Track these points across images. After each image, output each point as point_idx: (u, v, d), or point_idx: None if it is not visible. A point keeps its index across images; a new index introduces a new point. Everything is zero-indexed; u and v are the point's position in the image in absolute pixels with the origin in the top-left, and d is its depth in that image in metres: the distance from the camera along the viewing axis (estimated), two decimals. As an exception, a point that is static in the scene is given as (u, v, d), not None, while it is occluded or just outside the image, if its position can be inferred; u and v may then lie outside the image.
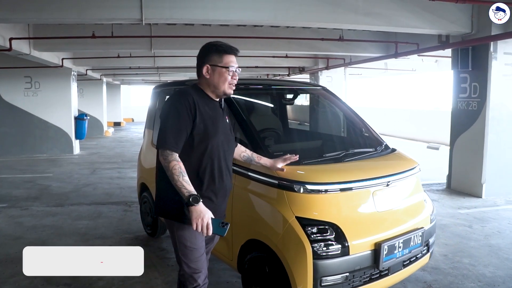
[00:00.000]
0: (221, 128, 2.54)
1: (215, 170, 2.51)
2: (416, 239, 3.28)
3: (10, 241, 5.07)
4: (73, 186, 8.21)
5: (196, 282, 2.54)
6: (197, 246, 2.52)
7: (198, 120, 2.40)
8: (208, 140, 2.45)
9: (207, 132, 2.43)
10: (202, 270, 2.56)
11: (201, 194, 2.41)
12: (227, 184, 2.63)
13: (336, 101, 4.54)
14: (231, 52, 2.51)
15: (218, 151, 2.50)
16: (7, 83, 12.15)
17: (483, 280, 4.03)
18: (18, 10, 5.56)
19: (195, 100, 2.43)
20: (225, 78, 2.49)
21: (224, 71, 2.48)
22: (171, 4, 5.65)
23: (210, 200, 2.50)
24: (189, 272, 2.53)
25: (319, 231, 2.90)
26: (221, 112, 2.62)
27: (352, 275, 2.95)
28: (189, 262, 2.52)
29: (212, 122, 2.47)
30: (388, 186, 3.26)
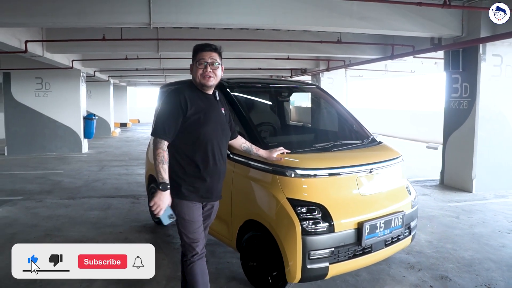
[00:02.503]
0: (214, 117, 2.93)
1: (209, 154, 2.89)
2: (397, 221, 3.66)
3: (28, 228, 5.48)
4: (83, 182, 8.63)
5: (194, 251, 2.93)
6: (195, 220, 2.91)
7: (190, 113, 2.81)
8: (200, 129, 2.85)
9: (199, 121, 2.83)
10: (199, 240, 2.94)
11: (196, 176, 2.85)
12: (220, 167, 3.01)
13: (329, 98, 4.95)
14: (203, 49, 2.90)
15: (210, 138, 2.89)
16: (19, 84, 12.61)
17: (462, 261, 4.40)
18: (36, 15, 5.99)
19: (187, 96, 2.84)
20: (197, 71, 2.89)
21: (197, 66, 2.89)
22: (177, 10, 6.07)
23: (204, 180, 2.91)
24: (188, 242, 2.92)
25: (308, 211, 3.29)
26: (215, 103, 3.01)
27: (337, 250, 3.33)
28: (188, 233, 2.91)
29: (204, 113, 2.87)
30: (371, 173, 3.65)
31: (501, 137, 7.57)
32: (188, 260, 2.93)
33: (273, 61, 13.72)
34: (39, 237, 5.11)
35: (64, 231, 5.35)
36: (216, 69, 2.91)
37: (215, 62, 2.90)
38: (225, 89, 4.12)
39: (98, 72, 15.89)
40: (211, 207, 3.10)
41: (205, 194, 2.93)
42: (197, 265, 2.92)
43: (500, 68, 7.43)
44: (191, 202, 2.87)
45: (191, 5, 6.08)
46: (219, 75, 2.96)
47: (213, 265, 4.21)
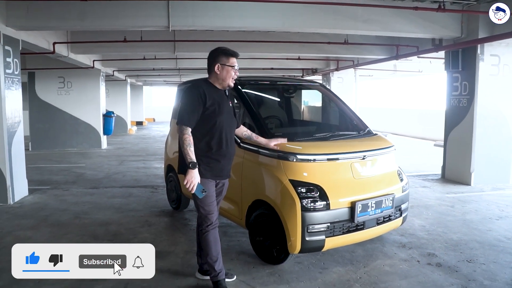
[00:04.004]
0: (225, 109, 3.48)
1: (223, 139, 3.44)
2: (387, 202, 4.15)
3: (59, 212, 6.08)
4: (105, 174, 9.23)
5: (209, 221, 3.46)
6: (210, 194, 3.45)
7: (208, 104, 3.36)
8: (216, 118, 3.40)
9: (215, 112, 3.37)
10: (214, 212, 3.48)
11: (211, 157, 3.41)
12: (231, 150, 3.55)
13: (331, 95, 5.46)
14: (235, 55, 3.48)
15: (223, 126, 3.44)
16: (42, 83, 13.30)
17: (450, 242, 4.85)
18: (65, 19, 6.61)
19: (205, 90, 3.39)
20: (230, 74, 3.45)
21: (230, 69, 3.44)
22: (194, 14, 6.61)
23: (218, 161, 3.45)
24: (204, 213, 3.46)
25: (307, 190, 3.79)
26: (225, 98, 3.56)
27: (333, 225, 3.83)
28: (204, 206, 3.45)
29: (218, 105, 3.41)
30: (364, 159, 4.15)
31: (498, 133, 7.96)
32: (204, 229, 3.47)
33: (285, 61, 14.19)
34: (70, 219, 5.70)
35: (91, 214, 5.94)
36: (237, 72, 3.51)
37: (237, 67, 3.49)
38: (237, 86, 4.65)
39: (116, 72, 16.58)
40: (222, 185, 3.65)
41: (218, 173, 3.47)
42: (211, 234, 3.46)
43: (498, 67, 7.82)
44: (207, 179, 3.41)
45: (207, 10, 6.62)
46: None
47: (225, 243, 4.74)
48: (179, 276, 3.87)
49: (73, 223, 5.54)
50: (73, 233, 5.09)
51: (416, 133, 17.76)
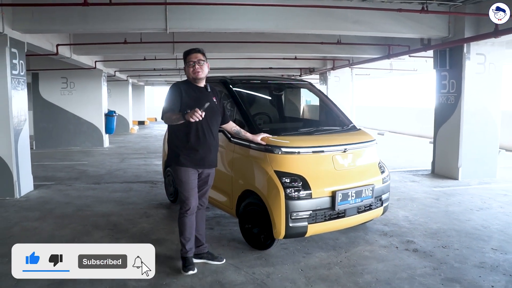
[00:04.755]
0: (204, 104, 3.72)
1: (199, 131, 3.78)
2: (367, 192, 4.47)
3: (63, 205, 6.42)
4: (106, 171, 9.58)
5: (187, 206, 3.83)
6: (189, 182, 3.81)
7: (184, 100, 3.74)
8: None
9: (190, 106, 3.64)
10: (192, 199, 3.83)
11: (190, 148, 3.77)
12: (210, 141, 3.86)
13: (319, 93, 5.78)
14: (190, 53, 3.84)
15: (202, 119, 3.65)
16: (46, 83, 13.65)
17: (429, 231, 5.17)
18: (68, 23, 6.94)
19: (181, 88, 3.80)
20: (189, 70, 3.82)
21: (190, 66, 3.80)
22: (191, 17, 6.93)
23: (197, 151, 3.81)
24: (183, 198, 3.85)
25: (291, 181, 4.12)
26: (206, 93, 3.89)
27: (315, 213, 4.15)
28: (183, 191, 3.83)
29: (194, 100, 3.75)
30: (345, 152, 4.47)
31: (485, 129, 8.26)
32: (182, 213, 3.88)
33: (282, 61, 14.48)
34: (73, 211, 6.04)
35: (93, 207, 6.27)
36: (202, 65, 3.84)
37: (200, 60, 3.83)
38: (228, 85, 5.00)
39: (118, 72, 16.92)
40: (207, 175, 3.99)
41: (198, 162, 3.83)
42: (188, 219, 3.87)
43: (484, 66, 8.12)
44: (187, 168, 3.79)
45: (203, 13, 6.94)
46: (205, 70, 3.87)
47: (218, 231, 5.07)
48: (174, 259, 4.20)
49: (76, 214, 5.88)
50: (76, 223, 5.44)
51: (414, 131, 18.06)
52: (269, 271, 3.95)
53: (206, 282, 3.70)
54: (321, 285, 3.67)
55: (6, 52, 6.50)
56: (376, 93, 26.78)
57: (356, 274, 3.90)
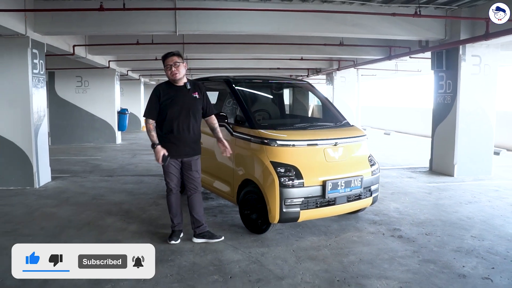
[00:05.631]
0: (181, 102, 4.33)
1: (174, 127, 4.34)
2: (356, 182, 4.88)
3: (79, 194, 6.93)
4: (119, 165, 10.10)
5: (169, 188, 4.57)
6: (167, 169, 4.47)
7: (162, 100, 4.32)
8: (167, 110, 4.31)
9: (167, 105, 4.29)
10: (171, 183, 4.53)
11: (169, 140, 4.34)
12: (186, 136, 4.38)
13: (316, 91, 6.20)
14: (166, 57, 4.33)
15: (176, 116, 4.31)
16: (61, 82, 14.27)
17: (416, 221, 5.55)
18: (84, 26, 7.47)
19: (161, 89, 4.38)
20: (167, 72, 4.33)
21: (166, 69, 4.32)
22: (198, 20, 7.40)
23: (174, 144, 4.38)
24: (166, 182, 4.58)
25: (285, 170, 4.55)
26: (185, 91, 4.39)
27: (307, 200, 4.58)
28: (165, 176, 4.54)
29: (172, 99, 4.30)
30: (336, 145, 4.89)
31: (480, 128, 8.59)
32: (167, 194, 4.60)
33: (289, 62, 14.90)
34: (88, 200, 6.54)
35: (106, 197, 6.77)
36: (178, 67, 4.33)
37: (176, 62, 4.32)
38: (231, 84, 5.45)
39: (130, 72, 17.49)
40: (189, 162, 4.51)
41: (175, 153, 4.40)
42: (172, 197, 4.59)
43: (479, 67, 8.45)
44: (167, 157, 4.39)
45: (209, 17, 7.40)
46: (182, 70, 4.34)
47: (221, 218, 5.53)
48: (185, 240, 4.66)
49: (91, 203, 6.38)
50: (91, 210, 5.93)
51: (418, 131, 18.32)
52: (263, 251, 4.38)
53: (207, 259, 4.15)
54: (309, 263, 4.09)
55: (28, 52, 7.04)
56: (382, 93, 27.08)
57: (342, 255, 4.32)
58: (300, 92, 6.79)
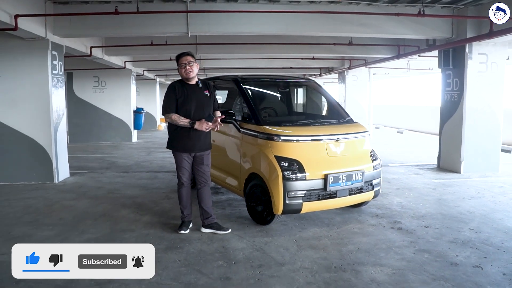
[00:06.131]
0: (194, 98, 4.61)
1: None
2: (357, 176, 5.10)
3: (95, 189, 7.29)
4: (134, 162, 10.46)
5: (181, 181, 4.81)
6: (181, 163, 4.74)
7: (178, 96, 4.58)
8: (183, 106, 4.58)
9: (182, 102, 4.57)
10: (183, 176, 4.78)
11: (183, 136, 4.60)
12: (200, 131, 4.58)
13: (321, 90, 6.44)
14: (181, 56, 4.62)
15: (191, 111, 4.57)
16: (79, 82, 14.74)
17: (417, 214, 5.74)
18: (101, 28, 7.84)
19: (176, 86, 4.64)
20: (181, 71, 4.61)
21: (182, 67, 4.59)
22: (209, 22, 7.69)
23: (188, 139, 4.62)
24: (178, 175, 4.81)
25: (288, 164, 4.80)
26: (197, 89, 4.68)
27: (309, 192, 4.82)
28: (177, 170, 4.79)
29: (186, 97, 4.58)
30: (338, 141, 5.12)
31: (487, 125, 8.69)
32: (178, 186, 4.84)
33: (302, 61, 15.10)
34: (104, 194, 6.89)
35: (122, 191, 7.11)
36: (191, 66, 4.62)
37: (190, 61, 4.61)
38: (239, 83, 5.72)
39: (146, 72, 17.92)
40: (201, 156, 4.78)
41: (189, 148, 4.67)
42: (182, 190, 4.86)
43: (486, 65, 8.55)
44: (180, 153, 4.68)
45: (220, 18, 7.68)
46: (195, 69, 4.63)
47: (229, 211, 5.80)
48: (194, 230, 4.94)
49: (107, 196, 6.72)
50: (107, 203, 6.27)
51: (431, 129, 18.32)
52: (267, 240, 4.64)
53: (213, 247, 4.43)
54: (309, 251, 4.34)
55: (48, 54, 7.43)
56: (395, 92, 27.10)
57: (341, 244, 4.55)
58: (307, 91, 7.02)
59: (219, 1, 7.58)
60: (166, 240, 4.63)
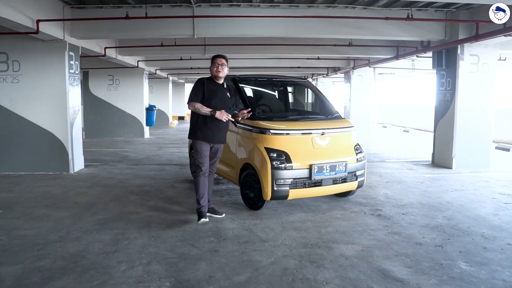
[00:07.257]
0: (219, 96, 5.11)
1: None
2: (341, 167, 5.63)
3: (107, 179, 7.94)
4: (145, 156, 11.12)
5: (200, 169, 5.14)
6: (202, 151, 5.12)
7: (205, 91, 5.05)
8: (209, 101, 5.06)
9: (209, 96, 5.04)
10: (204, 164, 5.14)
11: (206, 127, 5.06)
12: (220, 124, 5.13)
13: (314, 88, 6.98)
14: (217, 57, 5.16)
15: (216, 107, 5.04)
16: (95, 80, 15.52)
17: (399, 204, 6.24)
18: (114, 31, 8.50)
19: (204, 82, 5.11)
20: (213, 69, 5.13)
21: (214, 66, 5.13)
22: (214, 25, 8.28)
23: (210, 129, 5.09)
24: (197, 163, 5.16)
25: (277, 155, 5.35)
26: (222, 88, 5.22)
27: (295, 181, 5.37)
28: (198, 158, 5.15)
29: (212, 92, 5.08)
30: (323, 135, 5.65)
31: (478, 124, 9.12)
32: (197, 174, 5.19)
33: (308, 61, 15.61)
34: (115, 183, 7.53)
35: (131, 181, 7.74)
36: (223, 68, 5.15)
37: (223, 64, 5.15)
38: (237, 82, 6.29)
39: (158, 71, 18.61)
40: (217, 149, 5.29)
41: (210, 138, 5.13)
42: (201, 178, 5.16)
43: (477, 66, 8.98)
44: (201, 141, 5.11)
45: (224, 22, 8.27)
46: (225, 71, 5.18)
47: (226, 198, 6.39)
48: (187, 213, 5.55)
49: (118, 185, 7.36)
50: (117, 191, 6.90)
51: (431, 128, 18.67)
52: (256, 222, 5.21)
53: (208, 227, 5.01)
54: (292, 232, 4.89)
55: (65, 55, 8.11)
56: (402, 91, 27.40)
57: (322, 226, 5.09)
58: (301, 89, 7.57)
59: (223, 5, 8.15)
60: (167, 221, 5.24)
